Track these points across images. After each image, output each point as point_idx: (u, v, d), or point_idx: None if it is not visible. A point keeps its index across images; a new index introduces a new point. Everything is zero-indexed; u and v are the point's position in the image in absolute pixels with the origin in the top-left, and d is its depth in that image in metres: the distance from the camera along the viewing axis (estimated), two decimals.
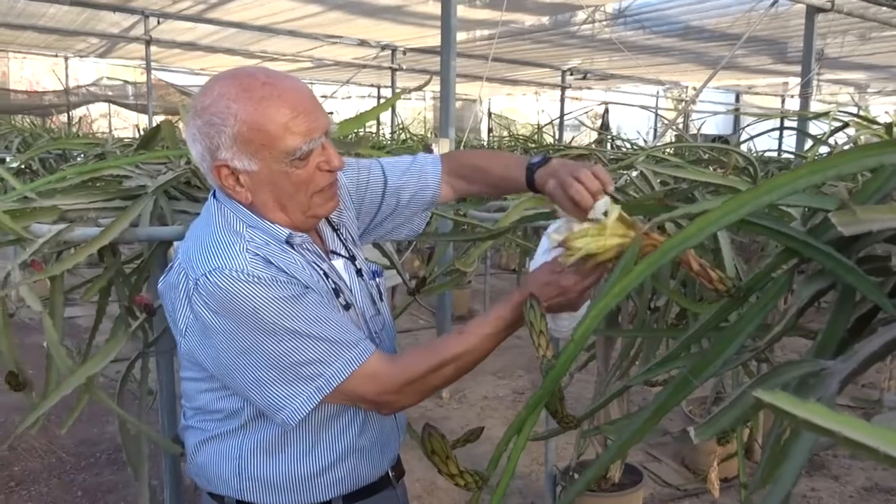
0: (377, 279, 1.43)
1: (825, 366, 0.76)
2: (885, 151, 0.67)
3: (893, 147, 0.66)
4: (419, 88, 3.13)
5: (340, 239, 1.39)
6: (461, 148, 4.42)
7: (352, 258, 1.38)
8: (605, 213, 1.09)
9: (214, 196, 1.27)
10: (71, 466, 3.52)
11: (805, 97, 5.87)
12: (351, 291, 1.33)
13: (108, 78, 13.59)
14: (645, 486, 3.04)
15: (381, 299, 1.43)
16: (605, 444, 2.81)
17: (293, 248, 1.24)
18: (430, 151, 3.66)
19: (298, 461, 1.27)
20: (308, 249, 1.27)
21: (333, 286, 1.27)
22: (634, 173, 2.55)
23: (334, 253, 1.36)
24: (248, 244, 1.18)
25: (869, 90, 13.08)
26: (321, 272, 1.26)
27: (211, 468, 1.31)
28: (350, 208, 1.45)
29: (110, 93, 13.40)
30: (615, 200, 1.14)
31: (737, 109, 12.78)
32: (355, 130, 3.56)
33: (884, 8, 6.08)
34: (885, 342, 0.71)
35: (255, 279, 1.13)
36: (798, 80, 6.21)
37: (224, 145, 1.16)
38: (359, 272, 1.38)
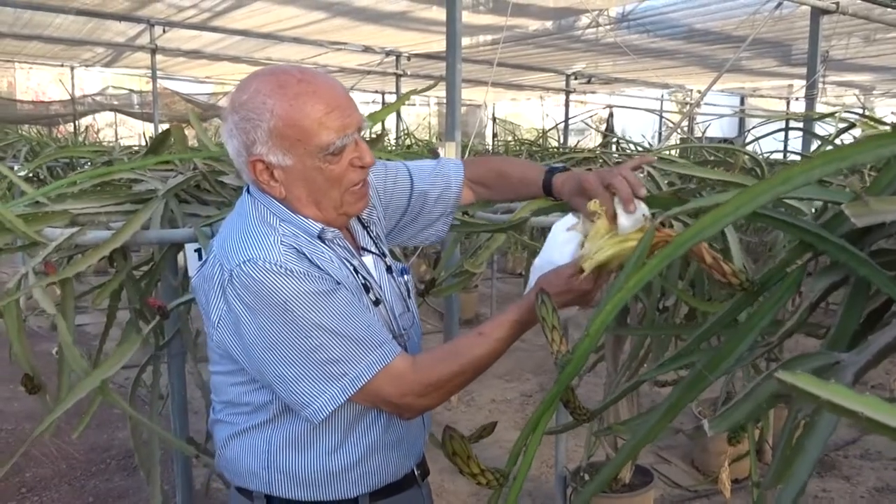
0: (405, 276, 1.44)
1: (839, 358, 0.77)
2: None
3: None
4: (428, 89, 3.14)
5: (371, 236, 1.41)
6: (467, 153, 4.44)
7: (382, 255, 1.40)
8: (643, 217, 1.10)
9: (248, 191, 1.29)
10: (81, 472, 3.53)
11: (810, 99, 5.86)
12: (381, 288, 1.34)
13: (113, 87, 13.66)
14: (655, 488, 3.03)
15: (410, 296, 1.44)
16: (615, 446, 2.80)
17: (325, 242, 1.26)
18: (437, 156, 3.67)
19: (326, 456, 1.28)
20: (339, 245, 1.28)
21: (363, 282, 1.28)
22: (641, 174, 2.56)
23: (365, 249, 1.38)
24: (281, 237, 1.20)
25: (874, 92, 13.06)
26: (351, 268, 1.27)
27: (240, 462, 1.32)
28: (378, 207, 1.48)
29: (116, 102, 13.47)
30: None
31: (742, 112, 12.78)
32: (368, 130, 3.60)
33: (889, 9, 6.07)
34: None
35: (288, 272, 1.15)
36: (803, 82, 6.21)
37: (260, 140, 1.18)
38: (388, 269, 1.39)
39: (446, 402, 4.81)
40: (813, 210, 1.93)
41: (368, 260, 1.36)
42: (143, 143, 8.31)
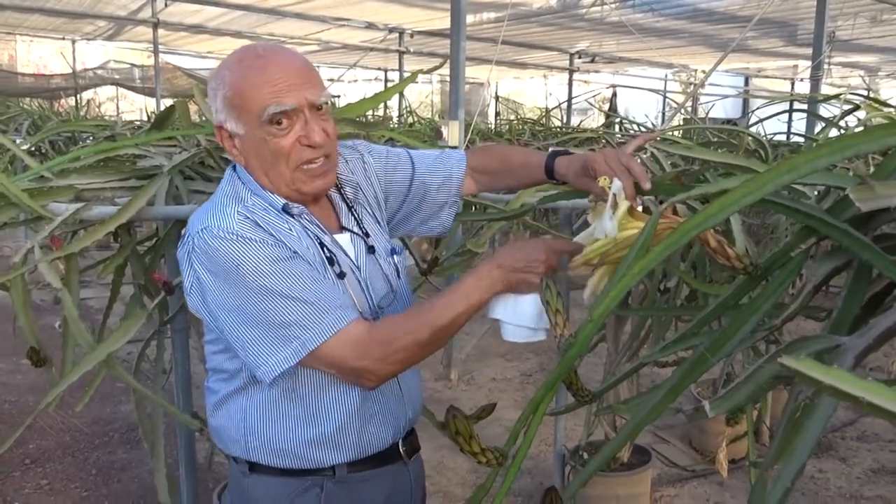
0: (395, 257, 1.45)
1: (840, 341, 0.77)
2: None
3: None
4: (435, 69, 3.12)
5: (354, 216, 1.41)
6: (470, 131, 4.43)
7: (364, 234, 1.40)
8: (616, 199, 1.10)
9: (233, 167, 1.34)
10: (85, 445, 3.56)
11: (815, 80, 5.83)
12: (357, 266, 1.35)
13: (115, 61, 13.60)
14: (653, 467, 3.06)
15: (399, 276, 1.44)
16: (613, 426, 2.82)
17: (292, 216, 1.28)
18: (440, 134, 3.67)
19: (299, 425, 1.31)
20: (307, 220, 1.30)
21: (328, 255, 1.30)
22: (645, 155, 2.56)
23: (346, 229, 1.38)
24: (242, 207, 1.24)
25: (880, 73, 12.98)
26: (317, 242, 1.29)
27: (223, 429, 1.36)
28: (378, 189, 1.48)
29: (117, 76, 13.42)
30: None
31: (746, 93, 12.72)
32: (371, 110, 3.59)
33: None
34: None
35: (240, 238, 1.19)
36: (808, 62, 6.18)
37: (219, 108, 1.27)
38: (371, 249, 1.39)
39: (446, 380, 4.81)
40: (816, 193, 1.93)
41: (344, 238, 1.36)
42: (145, 118, 8.28)
